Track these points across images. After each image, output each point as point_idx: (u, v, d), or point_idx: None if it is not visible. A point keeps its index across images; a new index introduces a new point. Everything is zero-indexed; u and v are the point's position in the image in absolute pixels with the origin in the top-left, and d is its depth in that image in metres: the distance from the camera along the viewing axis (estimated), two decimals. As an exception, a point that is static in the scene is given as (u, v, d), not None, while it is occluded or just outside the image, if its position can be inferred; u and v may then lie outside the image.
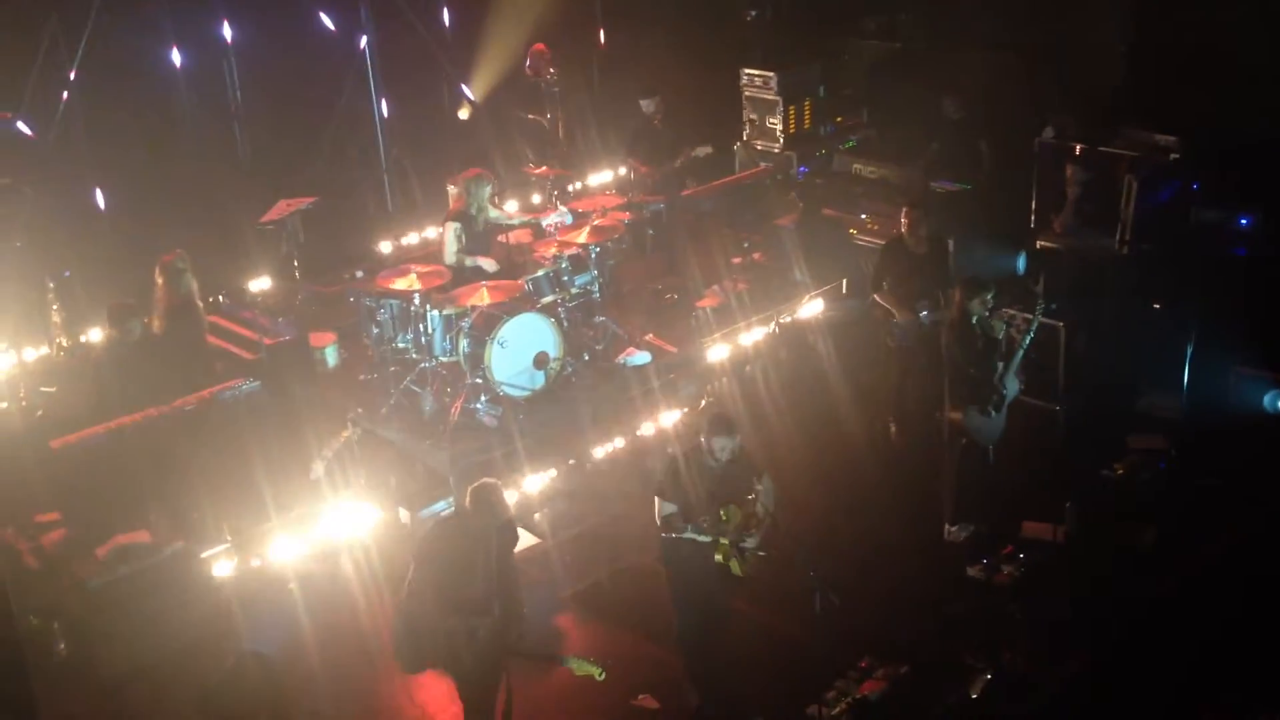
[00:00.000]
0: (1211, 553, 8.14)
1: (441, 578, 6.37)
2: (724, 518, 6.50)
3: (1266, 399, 9.10)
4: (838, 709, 6.86)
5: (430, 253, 11.52)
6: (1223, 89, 10.94)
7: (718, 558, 6.55)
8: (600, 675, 6.25)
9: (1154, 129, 10.92)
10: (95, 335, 10.29)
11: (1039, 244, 10.73)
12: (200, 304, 9.25)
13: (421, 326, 9.26)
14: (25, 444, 8.91)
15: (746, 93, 13.52)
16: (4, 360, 9.95)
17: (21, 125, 10.81)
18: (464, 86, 13.45)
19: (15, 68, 10.83)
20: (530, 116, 12.51)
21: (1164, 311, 9.93)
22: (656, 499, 6.74)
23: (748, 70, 13.49)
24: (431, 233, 12.42)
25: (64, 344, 10.30)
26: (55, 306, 10.26)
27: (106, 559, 7.53)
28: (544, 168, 11.84)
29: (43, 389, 9.88)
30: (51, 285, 10.27)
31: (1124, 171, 10.31)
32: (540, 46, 12.47)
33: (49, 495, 8.32)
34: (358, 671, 7.43)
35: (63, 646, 7.49)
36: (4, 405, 9.63)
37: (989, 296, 8.04)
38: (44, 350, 10.27)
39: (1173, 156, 10.71)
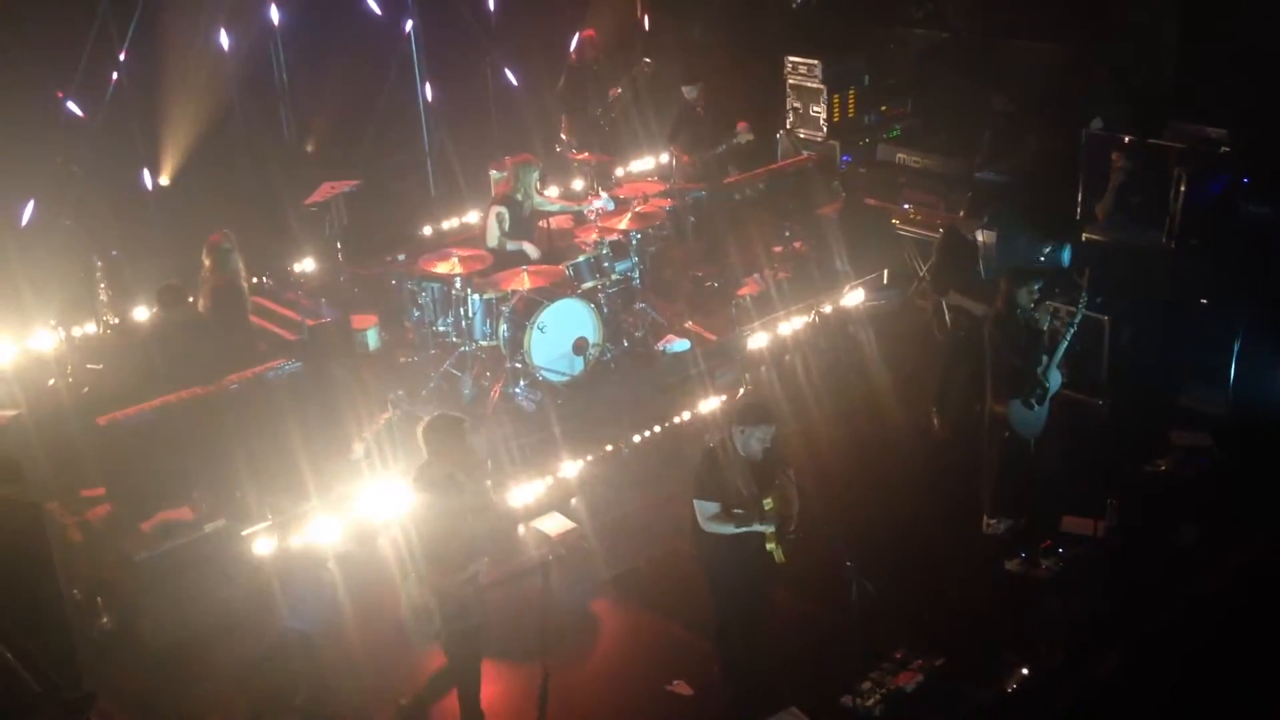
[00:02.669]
0: (1254, 551, 8.03)
1: (434, 547, 6.24)
2: (768, 507, 6.49)
3: (1315, 397, 8.97)
4: (872, 700, 6.83)
5: (472, 237, 11.58)
6: (1273, 81, 10.76)
7: (769, 546, 6.52)
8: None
9: (1204, 122, 10.77)
10: (142, 314, 10.43)
11: (1085, 236, 10.61)
12: (245, 284, 9.35)
13: (462, 310, 9.31)
14: (72, 420, 9.05)
15: (791, 80, 13.46)
16: (52, 338, 10.10)
17: (72, 105, 10.95)
18: (508, 71, 13.48)
19: (67, 48, 10.96)
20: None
21: (1211, 307, 9.80)
22: (696, 501, 6.56)
23: (792, 58, 13.42)
24: (473, 217, 12.49)
25: (111, 322, 10.45)
26: (103, 285, 10.41)
27: (151, 534, 7.63)
28: (586, 154, 11.85)
29: (90, 366, 10.02)
30: (99, 264, 10.41)
31: (1173, 164, 10.17)
32: (590, 32, 12.45)
33: (95, 471, 8.45)
34: (397, 649, 7.47)
35: (107, 619, 7.61)
36: (51, 382, 9.78)
37: (1035, 288, 7.96)
38: (91, 328, 10.41)
39: (1223, 150, 10.56)
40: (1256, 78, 10.96)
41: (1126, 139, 10.68)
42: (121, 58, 11.11)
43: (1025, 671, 6.99)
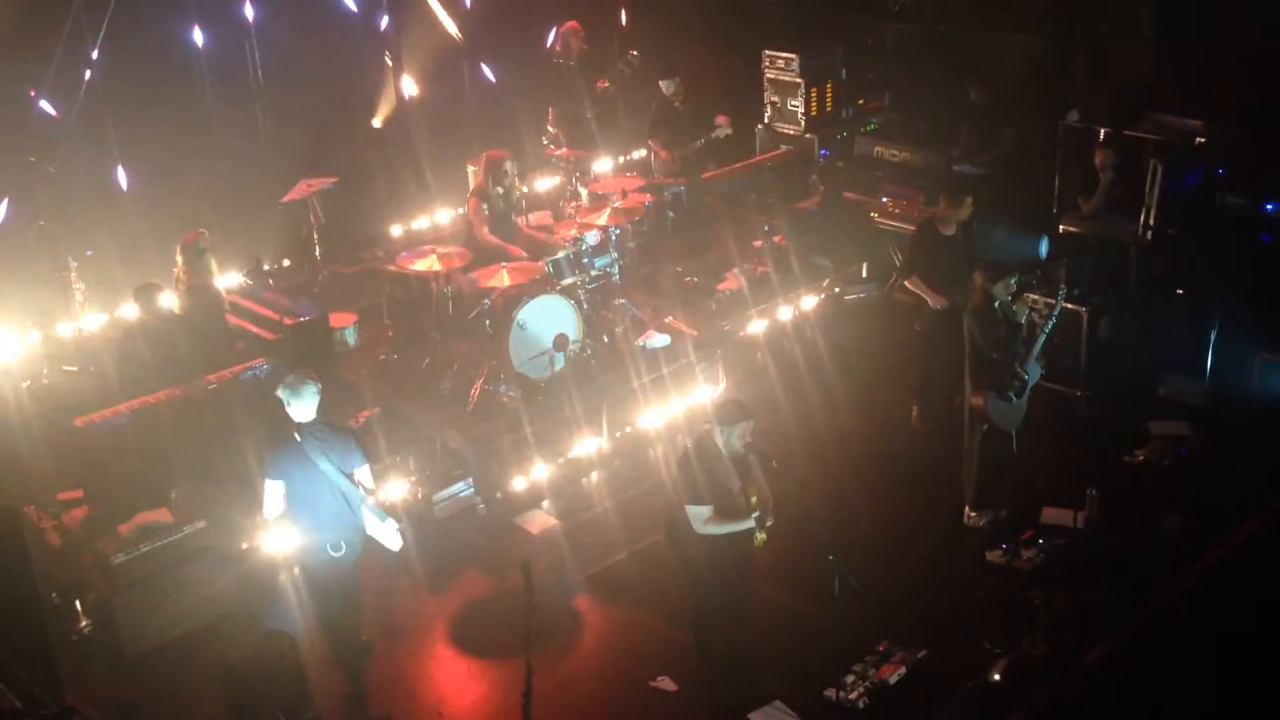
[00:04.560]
0: (1234, 540, 8.09)
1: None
2: (755, 502, 6.49)
3: (1291, 385, 9.03)
4: (855, 692, 6.85)
5: (449, 234, 11.54)
6: (1249, 73, 10.82)
7: (760, 537, 6.53)
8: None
9: (1180, 113, 10.82)
10: (118, 314, 10.35)
11: (1062, 228, 10.65)
12: (221, 284, 9.28)
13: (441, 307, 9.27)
14: (48, 422, 8.98)
15: (768, 74, 13.44)
16: (27, 339, 10.01)
17: (45, 104, 10.84)
18: (484, 66, 13.42)
19: (39, 46, 10.85)
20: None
21: (1188, 297, 9.86)
22: (689, 507, 6.53)
23: (769, 52, 13.42)
24: (450, 214, 12.44)
25: (86, 323, 10.36)
26: (78, 286, 10.32)
27: (128, 536, 7.58)
28: (564, 149, 11.81)
29: (65, 368, 9.94)
30: (74, 264, 10.32)
31: (1149, 156, 10.22)
32: (573, 24, 12.38)
33: (71, 473, 8.39)
34: (378, 650, 7.45)
35: (85, 623, 7.56)
36: (26, 384, 9.69)
37: (1012, 281, 7.98)
38: (66, 329, 10.32)
39: (1198, 141, 10.61)
40: (1233, 69, 11.02)
41: (1103, 131, 10.73)
42: (94, 55, 11.00)
43: (1007, 663, 7.01)
